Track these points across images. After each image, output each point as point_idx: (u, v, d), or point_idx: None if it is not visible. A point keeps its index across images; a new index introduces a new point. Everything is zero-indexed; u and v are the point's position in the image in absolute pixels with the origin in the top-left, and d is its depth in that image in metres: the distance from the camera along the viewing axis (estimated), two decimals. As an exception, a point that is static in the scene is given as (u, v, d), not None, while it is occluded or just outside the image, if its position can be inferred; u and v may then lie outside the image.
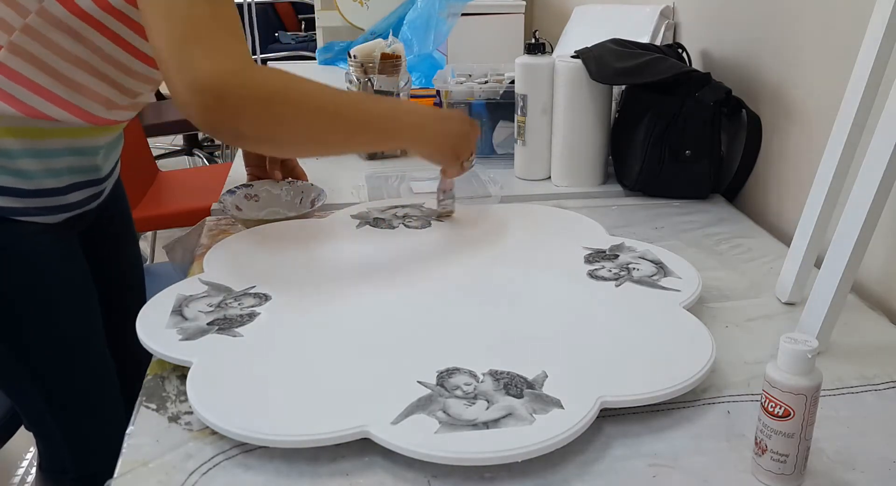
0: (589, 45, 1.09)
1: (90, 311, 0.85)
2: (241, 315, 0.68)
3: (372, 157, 1.24)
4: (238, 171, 1.19)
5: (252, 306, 0.69)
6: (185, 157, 3.24)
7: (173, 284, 0.74)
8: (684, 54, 1.12)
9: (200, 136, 3.27)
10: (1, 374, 0.83)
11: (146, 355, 0.64)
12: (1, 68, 0.70)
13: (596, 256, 0.81)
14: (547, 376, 0.58)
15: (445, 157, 0.82)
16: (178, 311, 0.68)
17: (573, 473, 0.52)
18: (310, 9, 3.47)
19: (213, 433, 0.55)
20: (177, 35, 0.60)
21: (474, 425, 0.53)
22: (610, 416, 0.56)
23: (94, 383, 0.85)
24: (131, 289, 1.02)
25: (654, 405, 0.57)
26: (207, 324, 0.66)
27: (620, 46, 1.07)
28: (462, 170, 0.85)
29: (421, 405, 0.54)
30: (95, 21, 0.71)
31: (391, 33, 1.37)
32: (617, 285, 0.74)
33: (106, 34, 0.72)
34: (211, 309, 0.69)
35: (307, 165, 1.09)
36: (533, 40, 1.09)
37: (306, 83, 0.67)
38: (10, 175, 0.74)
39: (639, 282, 0.74)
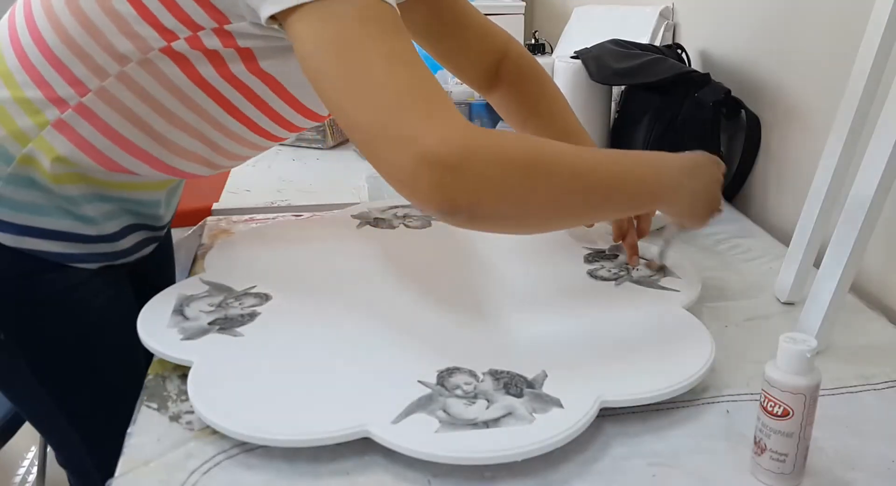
0: (589, 46, 1.09)
1: (135, 355, 0.77)
2: (241, 315, 0.68)
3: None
4: (238, 171, 1.19)
5: (253, 306, 0.69)
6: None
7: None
8: (684, 55, 1.13)
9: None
10: (40, 417, 0.81)
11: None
12: (83, 111, 0.65)
13: (596, 256, 0.81)
14: (547, 376, 0.58)
15: (698, 216, 0.69)
16: (179, 310, 0.68)
17: (573, 472, 0.52)
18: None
19: (214, 432, 0.55)
20: (384, 110, 0.51)
21: (474, 424, 0.53)
22: (610, 415, 0.56)
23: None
24: None
25: (654, 404, 0.57)
26: (208, 324, 0.66)
27: (620, 47, 1.07)
28: (717, 216, 0.71)
29: (421, 405, 0.54)
30: (206, 83, 0.64)
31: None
32: (617, 285, 0.74)
33: (209, 93, 0.65)
34: (212, 309, 0.69)
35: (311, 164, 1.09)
36: (533, 41, 1.10)
37: (551, 145, 0.57)
38: (73, 220, 0.70)
39: (638, 282, 0.74)
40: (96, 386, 0.77)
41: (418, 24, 0.82)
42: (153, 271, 0.92)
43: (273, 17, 0.55)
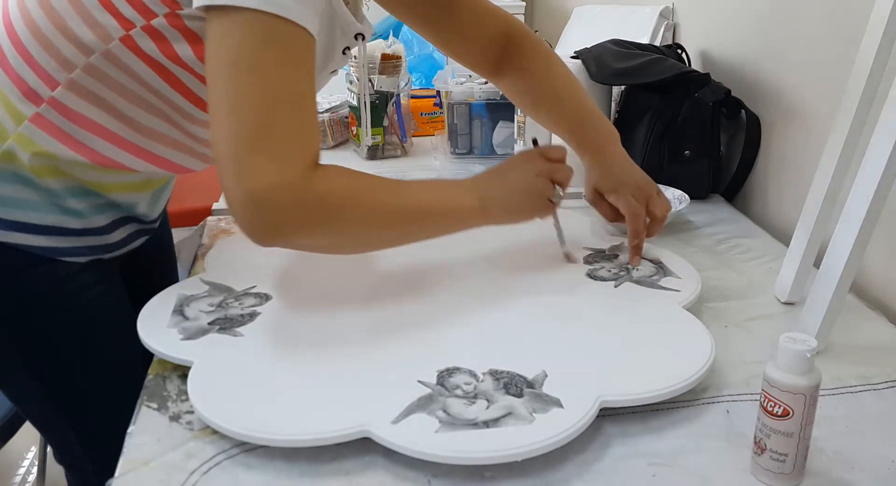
0: (589, 46, 1.09)
1: (131, 349, 0.78)
2: (241, 315, 0.68)
3: (371, 157, 1.24)
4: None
5: (253, 306, 0.69)
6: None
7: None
8: (684, 55, 1.13)
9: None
10: (36, 413, 0.81)
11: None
12: (56, 105, 0.66)
13: (595, 256, 0.81)
14: (547, 376, 0.58)
15: (527, 211, 0.73)
16: (179, 310, 0.68)
17: (573, 472, 0.52)
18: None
19: (214, 432, 0.55)
20: (239, 139, 0.55)
21: (474, 424, 0.53)
22: (610, 415, 0.56)
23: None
24: None
25: (654, 404, 0.57)
26: (208, 324, 0.66)
27: (620, 47, 1.07)
28: (553, 207, 0.75)
29: (421, 405, 0.55)
30: (160, 66, 0.65)
31: (391, 34, 1.37)
32: (616, 286, 0.74)
33: (169, 81, 0.67)
34: (212, 309, 0.69)
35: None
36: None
37: (364, 185, 0.63)
38: (58, 214, 0.70)
39: (638, 282, 0.74)
40: (90, 382, 0.77)
41: (408, 6, 0.82)
42: (156, 270, 0.92)
43: (206, 8, 0.56)
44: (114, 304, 0.78)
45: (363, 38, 0.73)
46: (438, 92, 1.31)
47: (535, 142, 0.78)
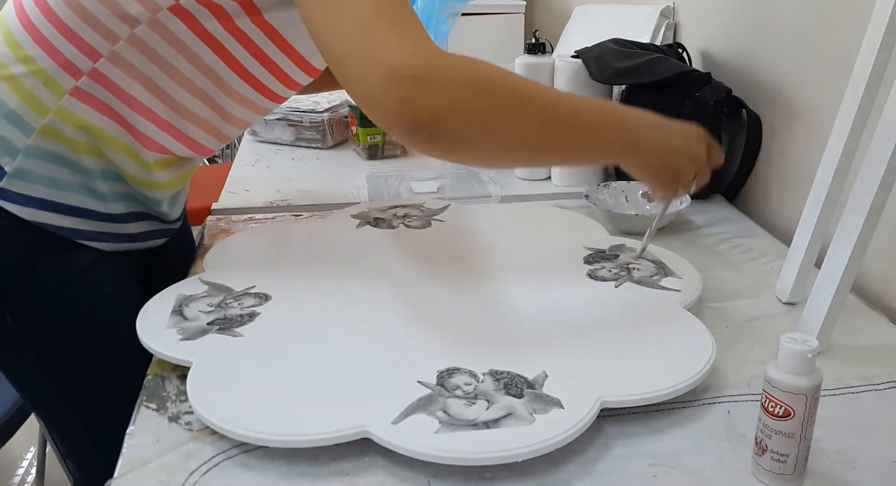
0: (589, 45, 1.09)
1: (140, 346, 0.78)
2: (241, 315, 0.68)
3: (372, 156, 1.24)
4: (238, 172, 1.19)
5: (252, 306, 0.69)
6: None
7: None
8: (684, 54, 1.12)
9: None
10: (44, 407, 0.81)
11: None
12: (97, 77, 0.67)
13: (596, 256, 0.81)
14: (547, 376, 0.58)
15: (660, 178, 0.68)
16: (178, 311, 0.68)
17: (574, 473, 0.52)
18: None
19: (214, 432, 0.55)
20: (359, 24, 0.53)
21: (474, 425, 0.52)
22: (610, 416, 0.56)
23: None
24: None
25: (655, 404, 0.57)
26: (207, 324, 0.66)
27: (620, 46, 1.07)
28: (675, 197, 0.71)
29: (421, 405, 0.54)
30: (209, 36, 0.67)
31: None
32: (617, 286, 0.74)
33: (213, 47, 0.68)
34: (211, 309, 0.68)
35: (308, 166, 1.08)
36: (533, 40, 1.09)
37: (515, 75, 0.59)
38: (83, 195, 0.71)
39: (639, 282, 0.74)
40: (101, 377, 0.77)
41: None
42: (179, 265, 0.91)
43: None
44: (126, 301, 0.78)
45: None
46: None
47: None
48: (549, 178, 1.11)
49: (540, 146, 0.61)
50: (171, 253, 0.89)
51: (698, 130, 0.69)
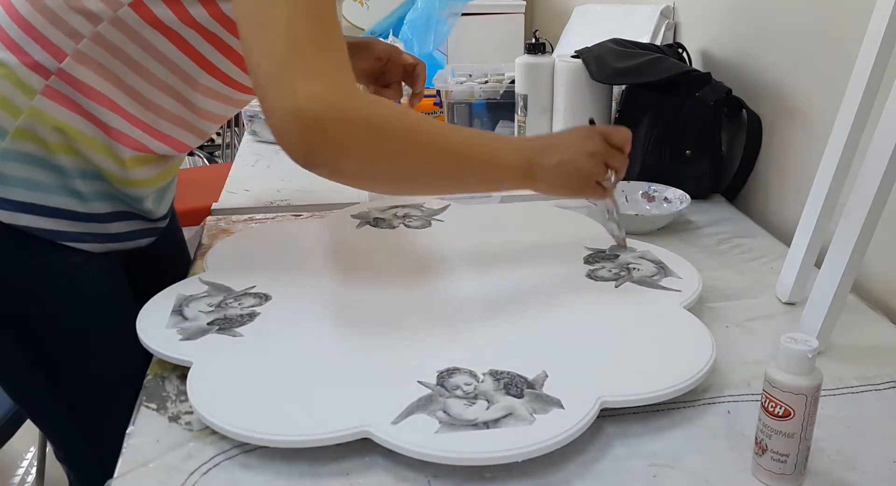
0: (589, 45, 1.09)
1: (131, 347, 0.78)
2: (241, 315, 0.67)
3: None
4: (238, 172, 1.19)
5: (252, 306, 0.69)
6: (186, 157, 3.23)
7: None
8: (684, 54, 1.12)
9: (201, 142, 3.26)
10: (36, 409, 0.81)
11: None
12: (65, 77, 0.67)
13: (596, 256, 0.81)
14: (547, 376, 0.58)
15: (573, 188, 0.72)
16: (178, 311, 0.68)
17: (573, 473, 0.52)
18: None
19: (214, 433, 0.55)
20: (275, 58, 0.55)
21: (475, 425, 0.52)
22: (610, 416, 0.56)
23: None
24: None
25: (655, 404, 0.57)
26: (207, 324, 0.66)
27: (621, 46, 1.07)
28: (604, 192, 0.74)
29: (421, 405, 0.54)
30: (170, 30, 0.68)
31: (391, 33, 1.37)
32: (617, 286, 0.74)
33: (177, 44, 0.68)
34: (211, 309, 0.68)
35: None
36: (533, 40, 1.10)
37: (411, 115, 0.63)
38: (64, 196, 0.71)
39: (639, 282, 0.74)
40: (92, 378, 0.77)
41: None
42: (170, 269, 0.91)
43: None
44: (115, 302, 0.78)
45: None
46: (438, 91, 1.31)
47: (591, 121, 0.78)
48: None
49: (437, 181, 0.66)
50: (161, 257, 0.88)
51: (582, 129, 0.74)
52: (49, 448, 1.20)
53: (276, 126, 0.56)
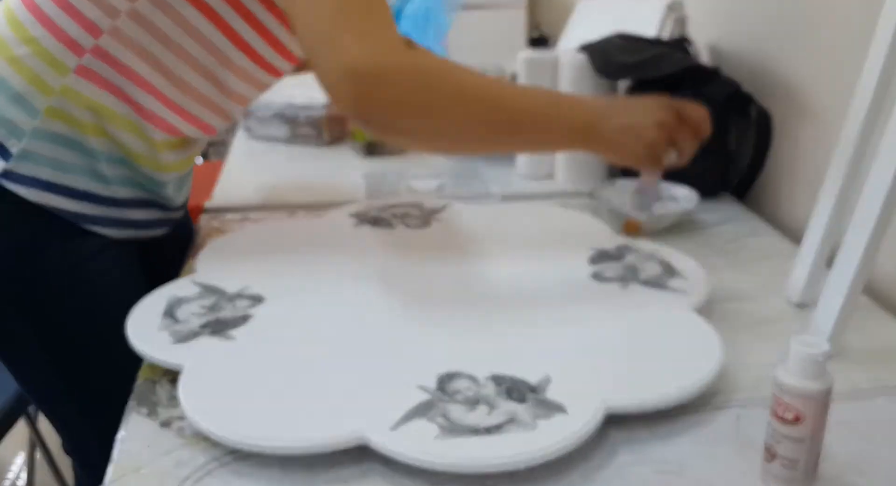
0: (594, 40, 1.07)
1: None
2: (234, 317, 0.67)
3: (370, 154, 1.23)
4: (231, 169, 1.18)
5: (246, 308, 0.68)
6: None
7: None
8: (692, 49, 1.11)
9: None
10: (47, 398, 0.81)
11: None
12: (100, 54, 0.68)
13: (601, 256, 0.79)
14: (550, 381, 0.57)
15: (630, 155, 0.70)
16: (169, 313, 0.67)
17: (578, 480, 0.51)
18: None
19: (206, 439, 0.54)
20: (325, 18, 0.59)
21: (475, 431, 0.52)
22: (616, 421, 0.55)
23: None
24: None
25: (662, 410, 0.56)
26: (200, 326, 0.65)
27: (626, 41, 1.06)
28: (658, 163, 0.72)
29: (420, 411, 0.54)
30: (205, 5, 0.69)
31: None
32: (622, 287, 0.73)
33: (212, 19, 0.70)
34: (203, 311, 0.68)
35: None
36: (536, 34, 1.08)
37: (465, 71, 0.64)
38: (88, 178, 0.72)
39: (645, 283, 0.73)
40: (106, 368, 0.77)
41: None
42: (181, 259, 0.91)
43: None
44: (129, 292, 0.78)
45: None
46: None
47: None
48: (553, 176, 1.10)
49: (491, 138, 0.66)
50: (174, 246, 0.89)
51: (659, 98, 0.72)
52: (38, 453, 1.19)
53: (332, 85, 0.59)
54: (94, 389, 0.78)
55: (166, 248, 0.87)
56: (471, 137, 0.66)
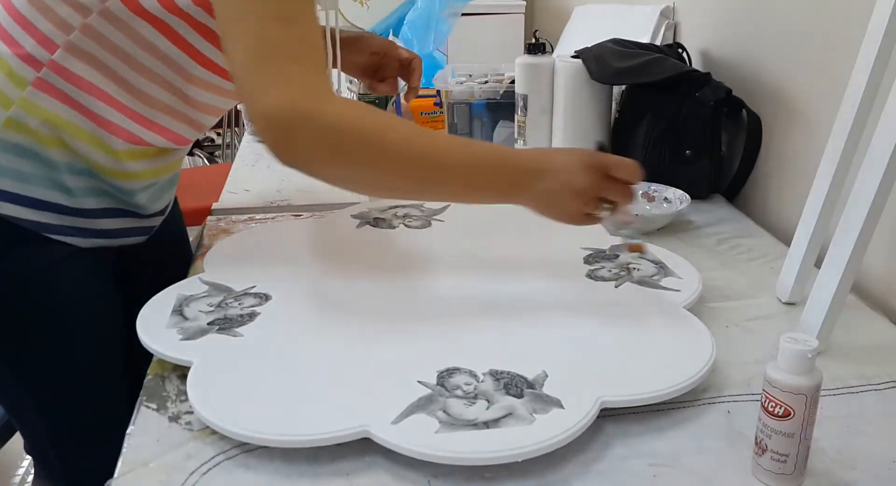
0: (589, 45, 1.09)
1: (110, 348, 0.79)
2: (241, 315, 0.67)
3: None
4: (238, 171, 1.19)
5: (252, 306, 0.69)
6: (186, 157, 3.23)
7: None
8: (684, 54, 1.12)
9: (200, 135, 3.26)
10: (7, 400, 0.80)
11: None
12: (56, 68, 0.67)
13: (596, 256, 0.81)
14: (547, 376, 0.58)
15: (556, 216, 0.67)
16: (178, 311, 0.68)
17: (573, 473, 0.52)
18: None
19: (214, 432, 0.55)
20: (248, 58, 0.57)
21: (475, 424, 0.52)
22: (610, 416, 0.56)
23: (105, 421, 0.75)
24: None
25: (655, 404, 0.57)
26: (208, 324, 0.66)
27: (621, 46, 1.07)
28: (594, 222, 0.69)
29: (421, 405, 0.54)
30: (158, 20, 0.67)
31: (391, 33, 1.37)
32: (617, 286, 0.74)
33: (167, 35, 0.68)
34: (211, 309, 0.68)
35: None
36: (533, 40, 1.10)
37: (386, 121, 0.61)
38: (50, 189, 0.71)
39: (639, 282, 0.74)
40: (64, 375, 0.76)
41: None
42: (172, 267, 0.91)
43: None
44: (97, 300, 0.78)
45: None
46: (439, 91, 1.31)
47: (601, 147, 0.75)
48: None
49: (415, 190, 0.65)
50: (163, 254, 0.88)
51: (583, 156, 0.66)
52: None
53: (257, 130, 0.58)
54: (51, 394, 0.77)
55: (154, 253, 0.85)
56: (391, 188, 0.63)
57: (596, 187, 0.66)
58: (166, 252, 0.90)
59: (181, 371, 0.62)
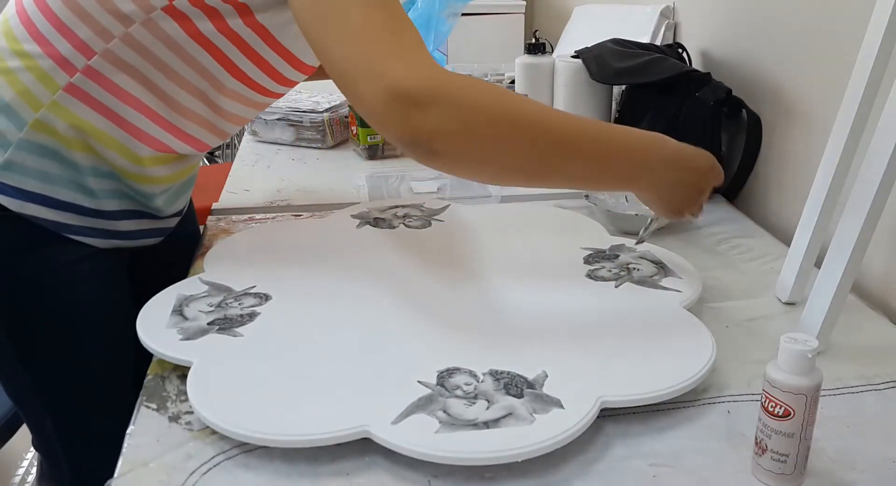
0: (589, 45, 1.09)
1: (123, 348, 0.78)
2: (241, 315, 0.68)
3: (372, 156, 1.24)
4: (238, 171, 1.19)
5: (252, 306, 0.69)
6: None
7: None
8: (684, 54, 1.12)
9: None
10: (18, 396, 0.81)
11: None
12: (92, 74, 0.67)
13: (596, 256, 0.81)
14: (547, 376, 0.58)
15: (669, 207, 0.69)
16: (178, 311, 0.68)
17: (573, 473, 0.52)
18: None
19: (214, 432, 0.55)
20: (360, 47, 0.55)
21: (475, 424, 0.52)
22: (610, 416, 0.56)
23: (113, 425, 0.75)
24: None
25: (655, 404, 0.57)
26: (208, 324, 0.66)
27: (621, 46, 1.07)
28: (685, 217, 0.72)
29: (421, 405, 0.54)
30: (205, 39, 0.68)
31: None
32: (617, 286, 0.74)
33: (210, 50, 0.68)
34: (211, 309, 0.68)
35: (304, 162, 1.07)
36: (533, 40, 1.10)
37: (527, 102, 0.60)
38: (73, 191, 0.72)
39: (639, 282, 0.74)
40: (74, 375, 0.77)
41: None
42: (182, 264, 0.91)
43: None
44: (111, 300, 0.78)
45: None
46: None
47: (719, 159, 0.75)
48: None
49: (540, 171, 0.61)
50: (175, 254, 0.88)
51: (711, 161, 0.69)
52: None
53: (373, 111, 0.56)
54: (61, 392, 0.77)
55: (168, 252, 0.86)
56: (525, 169, 0.60)
57: (707, 190, 0.70)
58: (180, 252, 0.91)
59: (181, 371, 0.62)
